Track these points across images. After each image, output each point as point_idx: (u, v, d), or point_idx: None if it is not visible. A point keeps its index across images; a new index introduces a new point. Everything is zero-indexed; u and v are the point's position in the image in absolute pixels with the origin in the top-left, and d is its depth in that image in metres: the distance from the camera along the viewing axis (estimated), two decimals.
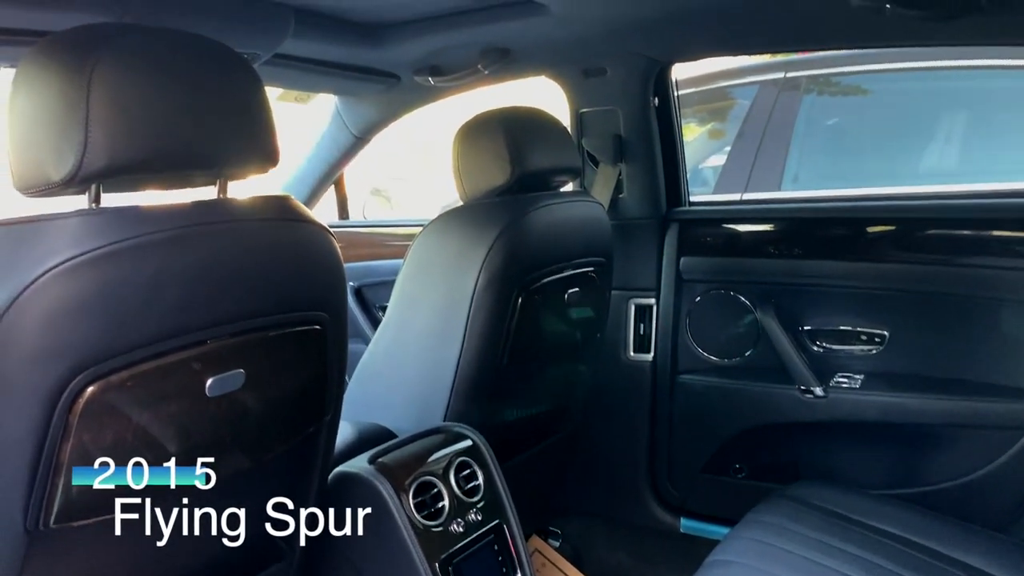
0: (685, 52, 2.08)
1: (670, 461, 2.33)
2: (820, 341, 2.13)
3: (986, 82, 3.09)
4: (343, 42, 2.01)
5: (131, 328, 0.96)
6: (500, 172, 1.75)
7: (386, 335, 1.83)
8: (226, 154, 1.07)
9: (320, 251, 1.20)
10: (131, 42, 0.98)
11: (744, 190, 3.27)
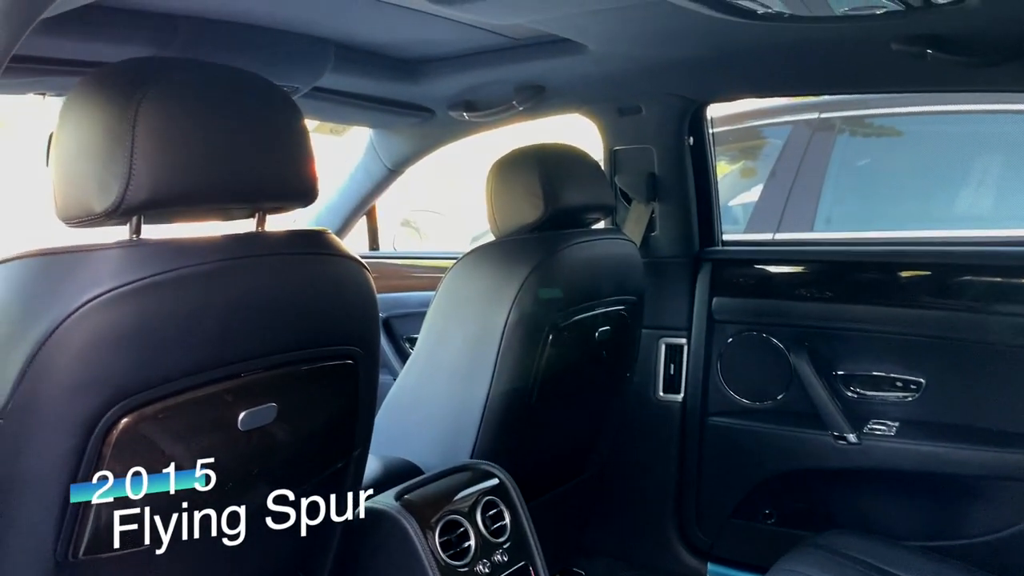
0: (722, 93, 2.08)
1: (698, 504, 2.29)
2: (854, 387, 2.09)
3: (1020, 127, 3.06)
4: (380, 76, 2.03)
5: (167, 360, 0.96)
6: (533, 208, 1.75)
7: (414, 369, 1.82)
8: (266, 188, 1.08)
9: (355, 286, 1.20)
10: (177, 77, 0.99)
11: (776, 230, 3.25)
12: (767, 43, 1.68)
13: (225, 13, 1.57)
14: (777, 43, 1.67)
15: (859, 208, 3.49)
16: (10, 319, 0.90)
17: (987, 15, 1.40)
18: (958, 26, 1.47)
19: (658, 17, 1.50)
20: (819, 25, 1.52)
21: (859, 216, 3.48)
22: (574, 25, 1.62)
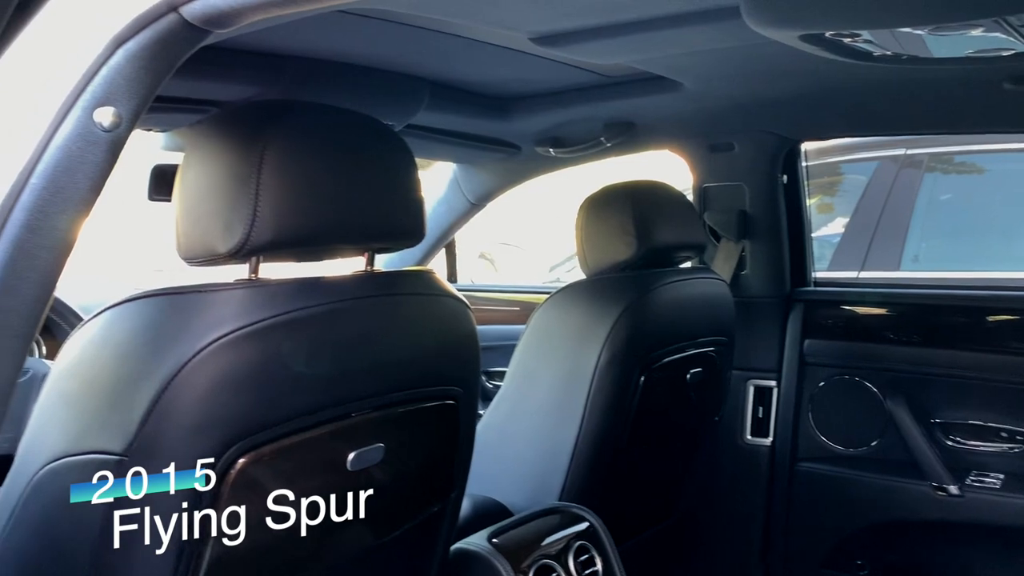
0: (818, 131, 2.04)
1: (786, 553, 2.22)
2: (955, 435, 2.01)
3: None
4: (471, 113, 2.04)
5: (285, 400, 0.96)
6: (625, 246, 1.73)
7: (502, 407, 1.81)
8: (380, 229, 1.08)
9: (460, 326, 1.20)
10: (299, 120, 1.00)
11: (861, 268, 3.18)
12: (871, 82, 1.64)
13: (329, 52, 1.59)
14: (881, 81, 1.63)
15: (948, 247, 3.39)
16: (137, 357, 0.91)
17: None
18: None
19: (764, 58, 1.48)
20: (929, 66, 1.48)
21: (948, 255, 3.38)
22: (673, 64, 1.60)
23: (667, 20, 1.28)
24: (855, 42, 1.14)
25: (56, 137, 0.76)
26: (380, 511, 1.17)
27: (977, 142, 3.25)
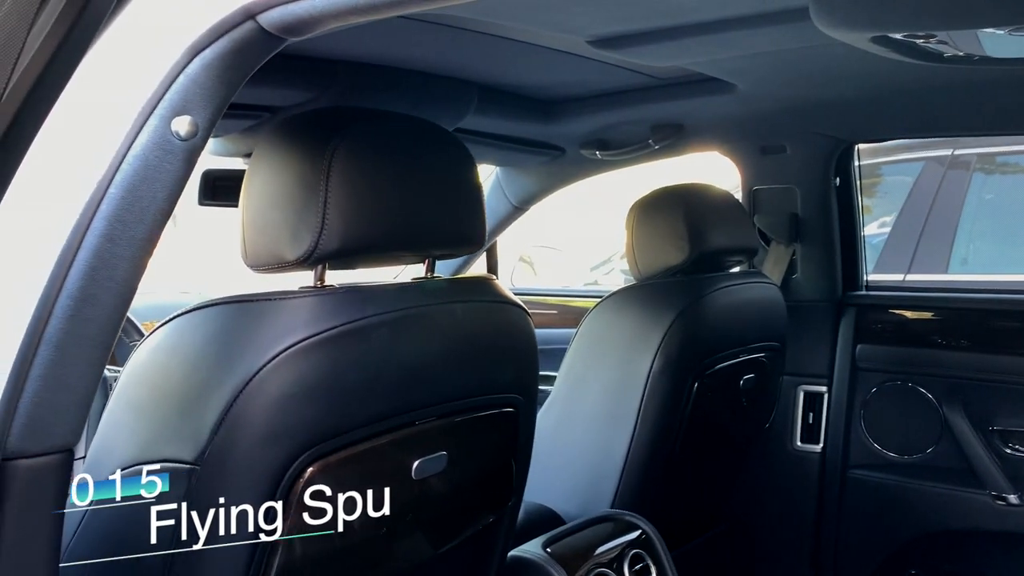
0: (874, 133, 2.01)
1: (837, 561, 2.18)
2: (1015, 444, 1.96)
3: None
4: (517, 117, 2.03)
5: (353, 409, 0.95)
6: (677, 251, 1.71)
7: (552, 413, 1.79)
8: (442, 236, 1.08)
9: (520, 333, 1.19)
10: (366, 128, 1.00)
11: (908, 270, 3.12)
12: (931, 83, 1.60)
13: (380, 57, 1.59)
14: (942, 83, 1.60)
15: (997, 249, 3.32)
16: (207, 366, 0.91)
17: None
18: None
19: (825, 59, 1.45)
20: (988, 67, 1.44)
21: (998, 258, 3.31)
22: (729, 66, 1.58)
23: (731, 23, 1.25)
24: (927, 43, 1.11)
25: (134, 147, 0.76)
26: (441, 520, 1.16)
27: None
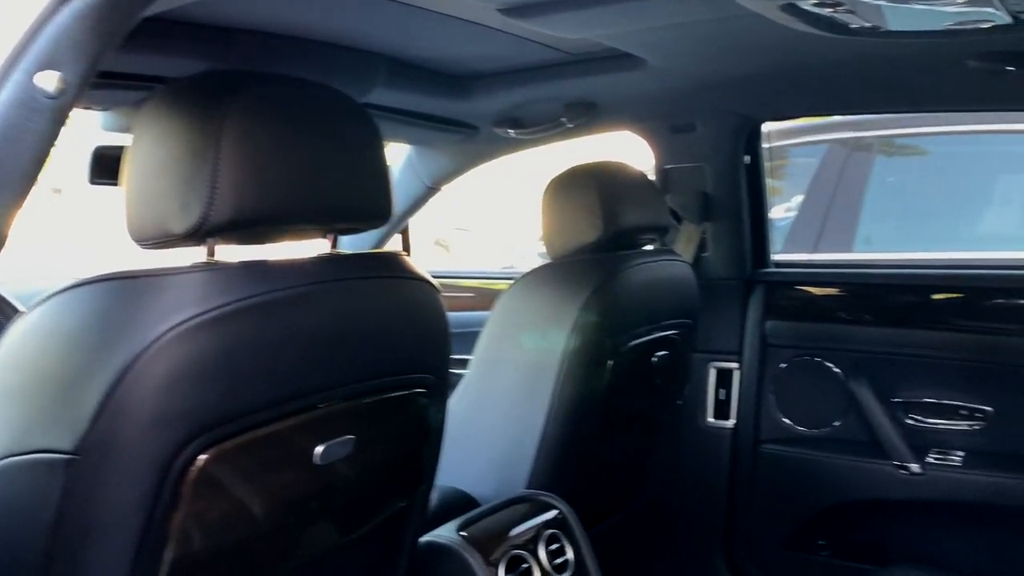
0: (781, 110, 2.03)
1: (749, 535, 2.22)
2: (915, 414, 2.02)
3: None
4: (428, 92, 1.97)
5: (250, 392, 0.89)
6: (591, 228, 1.69)
7: (467, 395, 1.76)
8: (346, 208, 1.02)
9: (431, 310, 1.15)
10: (260, 90, 0.94)
11: (814, 250, 3.20)
12: (835, 59, 1.62)
13: (280, 25, 1.51)
14: (846, 59, 1.61)
15: (898, 228, 3.44)
16: (87, 347, 0.84)
17: None
18: None
19: (733, 33, 1.44)
20: (891, 40, 1.46)
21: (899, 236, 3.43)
22: (639, 40, 1.56)
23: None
24: (835, 13, 1.11)
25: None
26: (348, 506, 1.12)
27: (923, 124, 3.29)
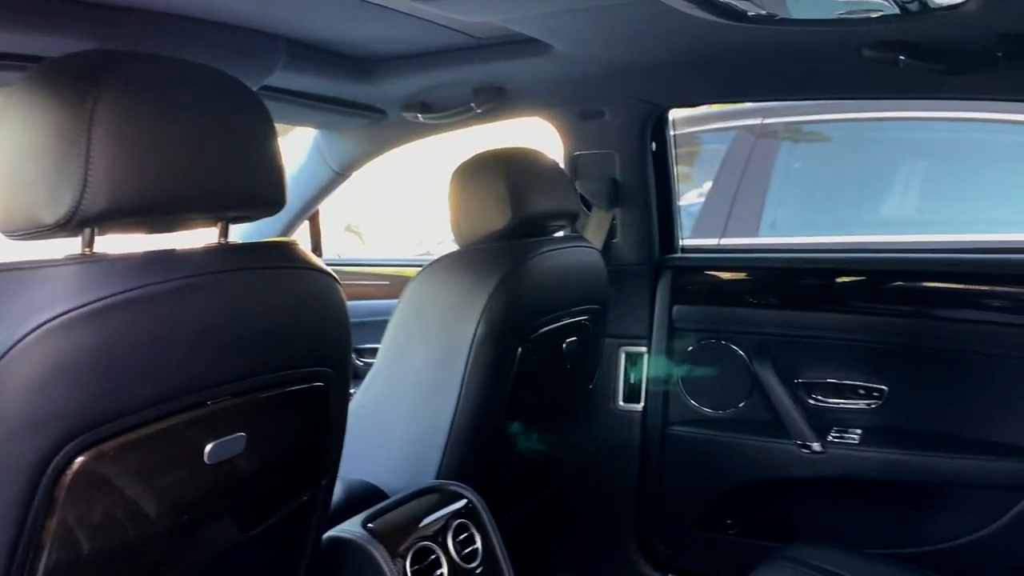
0: (686, 97, 2.05)
1: (659, 516, 2.25)
2: (817, 395, 2.08)
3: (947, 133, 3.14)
4: (332, 75, 1.93)
5: (129, 390, 0.85)
6: (500, 216, 1.68)
7: (375, 385, 1.73)
8: (235, 195, 0.98)
9: (328, 301, 1.11)
10: (137, 70, 0.89)
11: (722, 235, 3.26)
12: (737, 47, 1.64)
13: (172, 5, 1.44)
14: (747, 47, 1.64)
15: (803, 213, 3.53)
16: None
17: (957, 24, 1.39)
18: (931, 33, 1.46)
19: (636, 19, 1.45)
20: (792, 28, 1.49)
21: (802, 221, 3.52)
22: (544, 24, 1.55)
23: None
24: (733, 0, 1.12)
25: None
26: (245, 503, 1.08)
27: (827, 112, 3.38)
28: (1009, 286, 1.91)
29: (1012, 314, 1.90)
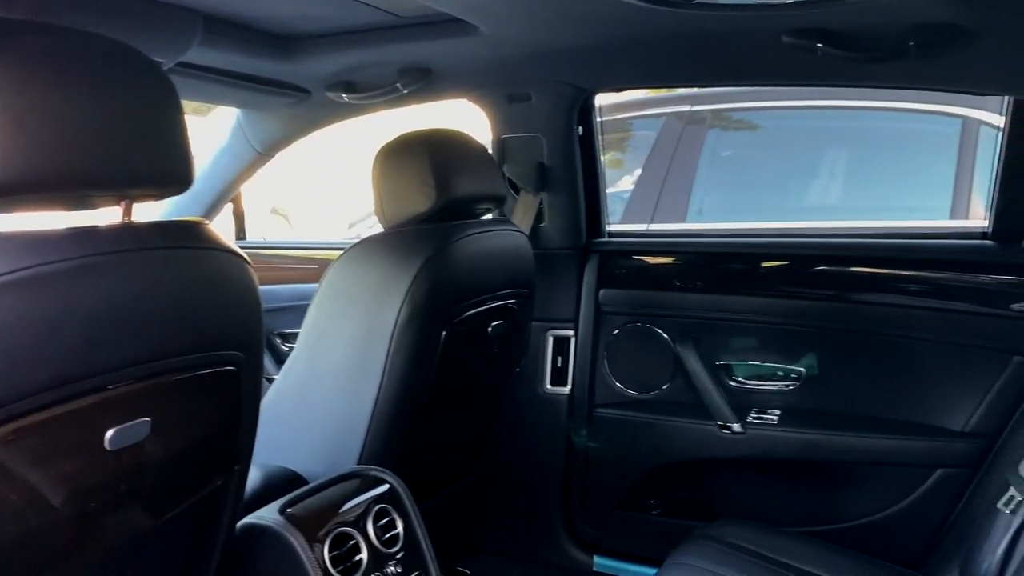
0: (612, 81, 2.05)
1: (585, 497, 2.27)
2: (738, 376, 2.12)
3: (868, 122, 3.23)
4: (252, 53, 1.87)
5: (22, 374, 0.81)
6: (424, 198, 1.66)
7: (295, 370, 1.70)
8: (137, 174, 0.94)
9: (237, 283, 1.08)
10: (31, 40, 0.84)
11: (650, 220, 3.29)
12: (661, 31, 1.65)
13: None
14: (671, 32, 1.65)
15: (729, 199, 3.59)
16: None
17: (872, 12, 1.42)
18: (847, 21, 1.49)
19: (561, 1, 1.44)
20: (714, 14, 1.50)
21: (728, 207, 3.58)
22: (468, 5, 1.53)
23: None
24: None
25: None
26: (152, 490, 1.05)
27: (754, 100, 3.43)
28: (922, 271, 1.98)
29: (925, 298, 1.96)
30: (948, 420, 1.93)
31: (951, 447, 1.91)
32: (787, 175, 3.52)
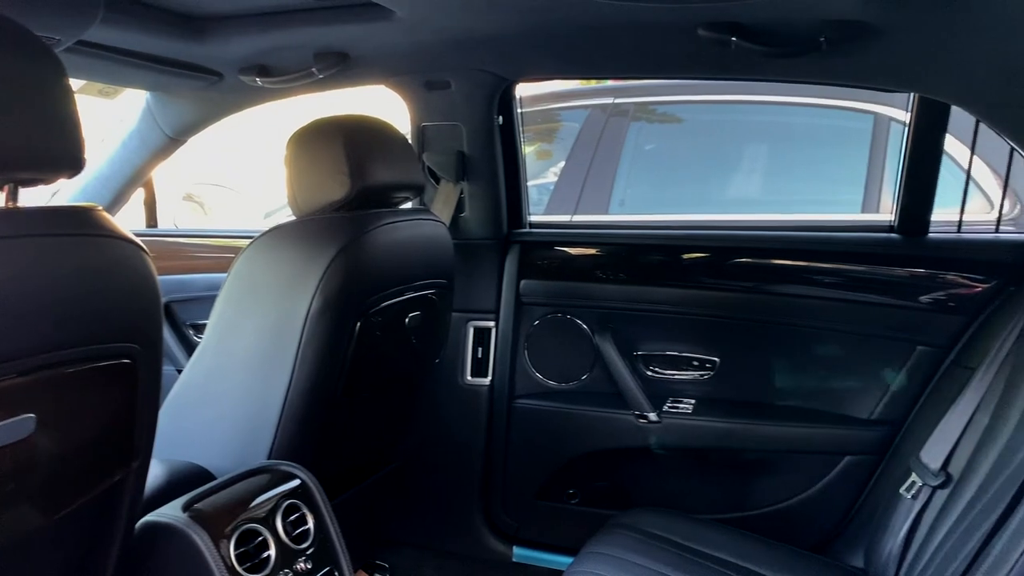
0: (531, 71, 2.04)
1: (504, 488, 2.27)
2: (654, 366, 2.15)
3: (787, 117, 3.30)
4: (160, 33, 1.80)
5: None
6: (338, 185, 1.62)
7: (202, 362, 1.64)
8: (21, 155, 0.89)
9: (132, 271, 1.03)
10: None
11: (574, 212, 3.30)
12: (580, 22, 1.64)
13: None
14: (590, 22, 1.64)
15: (650, 192, 3.62)
16: None
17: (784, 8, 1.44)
18: (760, 16, 1.51)
19: None
20: (632, 5, 1.50)
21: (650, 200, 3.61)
22: None
23: None
24: None
25: None
26: (42, 488, 1.00)
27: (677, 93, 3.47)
28: (833, 263, 2.02)
29: (836, 289, 2.01)
30: (856, 408, 1.99)
31: (858, 435, 1.96)
32: (708, 168, 3.57)
